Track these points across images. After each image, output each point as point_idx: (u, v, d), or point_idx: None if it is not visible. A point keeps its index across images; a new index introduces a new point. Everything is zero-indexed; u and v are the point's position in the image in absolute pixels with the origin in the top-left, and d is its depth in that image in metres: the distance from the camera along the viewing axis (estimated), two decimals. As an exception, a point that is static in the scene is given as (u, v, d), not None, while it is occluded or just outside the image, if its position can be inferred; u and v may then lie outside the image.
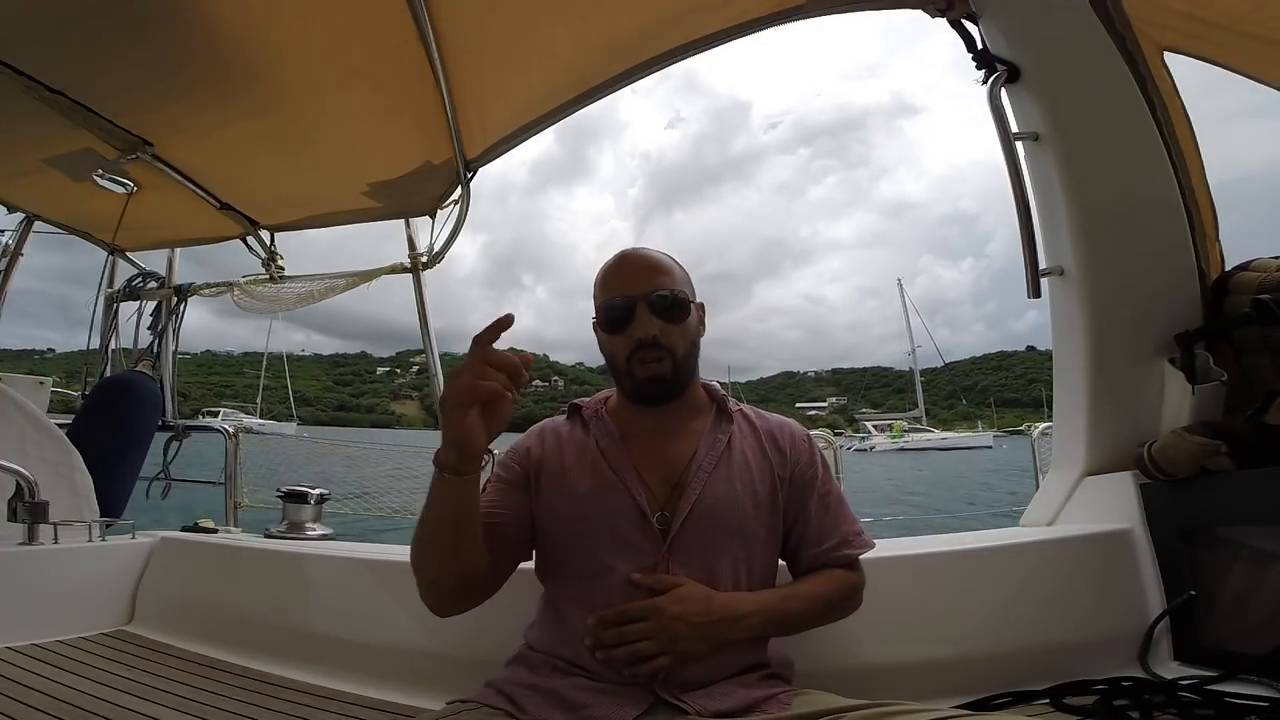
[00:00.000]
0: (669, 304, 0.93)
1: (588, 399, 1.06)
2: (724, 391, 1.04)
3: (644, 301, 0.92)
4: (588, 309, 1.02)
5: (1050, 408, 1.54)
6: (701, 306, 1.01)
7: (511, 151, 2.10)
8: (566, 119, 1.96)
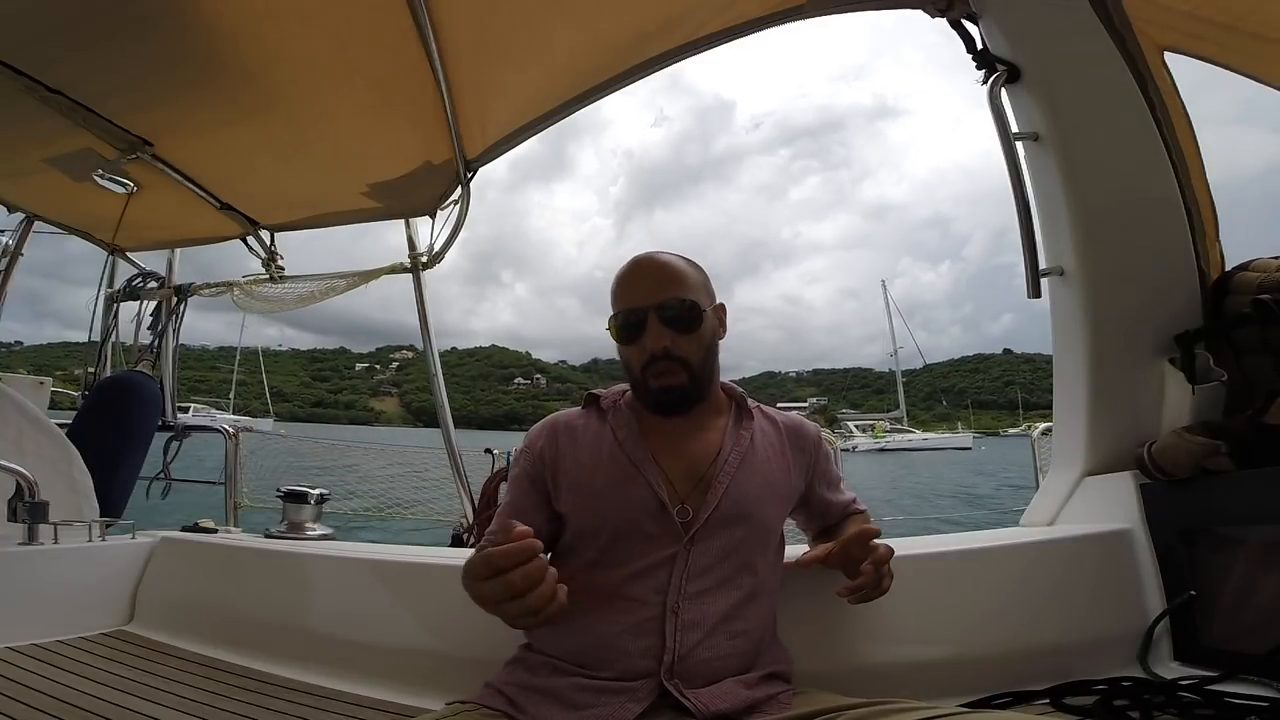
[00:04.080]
0: (680, 315, 0.92)
1: (605, 390, 1.05)
2: (741, 390, 1.04)
3: (655, 313, 0.91)
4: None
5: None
6: (721, 307, 1.00)
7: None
8: (556, 116, 1.96)
